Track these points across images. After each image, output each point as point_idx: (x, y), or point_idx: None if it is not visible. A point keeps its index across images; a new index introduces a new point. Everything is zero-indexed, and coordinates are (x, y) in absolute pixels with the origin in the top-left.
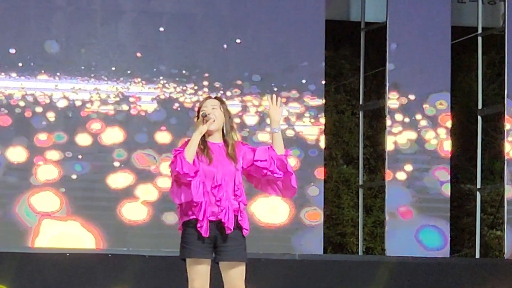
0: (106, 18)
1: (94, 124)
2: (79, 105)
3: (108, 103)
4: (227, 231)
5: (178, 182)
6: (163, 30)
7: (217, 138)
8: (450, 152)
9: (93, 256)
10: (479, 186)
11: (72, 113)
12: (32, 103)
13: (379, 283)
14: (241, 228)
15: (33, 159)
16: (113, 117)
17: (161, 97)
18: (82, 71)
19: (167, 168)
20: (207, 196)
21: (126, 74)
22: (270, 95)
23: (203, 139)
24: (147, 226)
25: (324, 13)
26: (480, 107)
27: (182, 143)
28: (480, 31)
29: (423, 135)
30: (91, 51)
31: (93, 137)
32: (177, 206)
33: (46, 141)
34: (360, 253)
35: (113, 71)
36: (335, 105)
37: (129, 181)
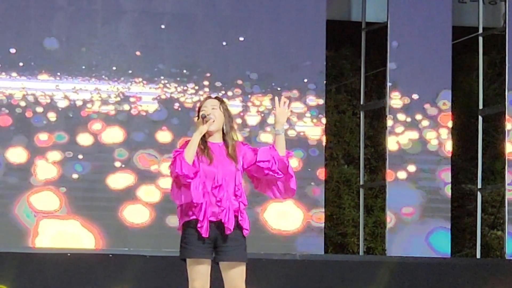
0: (107, 18)
1: (95, 124)
2: (79, 105)
3: (108, 103)
4: (227, 231)
5: (178, 183)
6: (164, 30)
7: (217, 138)
8: (451, 152)
9: (94, 256)
10: (480, 186)
11: (73, 113)
12: (33, 103)
13: (380, 283)
14: (241, 229)
15: (33, 159)
16: (114, 117)
17: (162, 97)
18: (83, 71)
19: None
20: (207, 197)
21: (127, 74)
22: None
23: (203, 139)
24: (148, 226)
25: (325, 13)
26: (481, 107)
27: (181, 143)
28: (481, 31)
29: (424, 135)
30: (92, 51)
31: (93, 137)
32: (177, 206)
33: (47, 141)
34: (361, 253)
35: (113, 71)
36: (336, 105)
37: (130, 182)
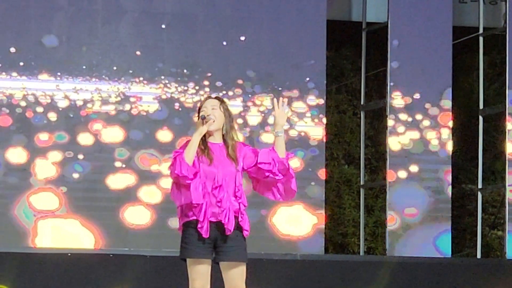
0: (107, 18)
1: (95, 124)
2: (80, 105)
3: (109, 103)
4: (227, 232)
5: (177, 184)
6: (164, 30)
7: (217, 138)
8: (451, 152)
9: (94, 256)
10: (480, 186)
11: (73, 113)
12: (33, 103)
13: (380, 283)
14: (241, 229)
15: (34, 159)
16: (114, 117)
17: (162, 97)
18: (83, 71)
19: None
20: (207, 197)
21: (127, 74)
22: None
23: (203, 139)
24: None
25: (325, 13)
26: (481, 107)
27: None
28: (481, 31)
29: (424, 135)
30: (92, 51)
31: (94, 137)
32: (177, 206)
33: (47, 141)
34: (361, 253)
35: (114, 71)
36: (336, 105)
37: (130, 182)
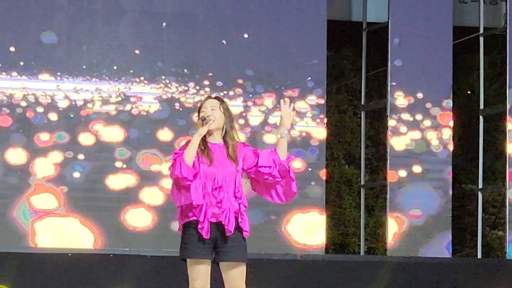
0: (108, 18)
1: (96, 124)
2: (80, 105)
3: (109, 103)
4: (227, 233)
5: (178, 184)
6: (164, 29)
7: (217, 139)
8: (451, 152)
9: (94, 256)
10: (480, 186)
11: (74, 113)
12: (33, 103)
13: (380, 283)
14: (241, 230)
15: (34, 159)
16: (114, 117)
17: (163, 97)
18: (83, 71)
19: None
20: (207, 198)
21: (128, 74)
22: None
23: (203, 139)
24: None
25: (325, 13)
26: (481, 107)
27: (179, 145)
28: (481, 31)
29: (424, 135)
30: (92, 51)
31: (94, 137)
32: (177, 207)
33: (48, 141)
34: (362, 253)
35: (114, 71)
36: (336, 105)
37: (131, 182)
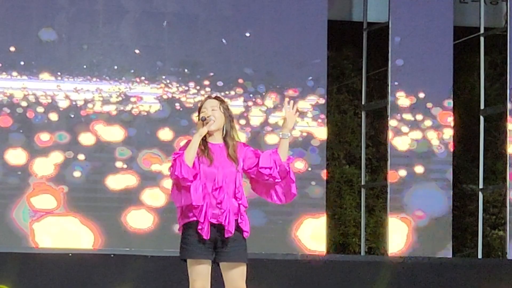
0: (108, 18)
1: (96, 124)
2: (81, 105)
3: (110, 102)
4: (228, 234)
5: (178, 185)
6: (165, 29)
7: (217, 139)
8: (452, 152)
9: (95, 256)
10: (481, 186)
11: (74, 113)
12: (34, 103)
13: (381, 283)
14: (241, 230)
15: (34, 159)
16: (115, 117)
17: (163, 97)
18: (84, 70)
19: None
20: (207, 198)
21: (129, 74)
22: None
23: (204, 139)
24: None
25: (326, 13)
26: (482, 107)
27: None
28: (482, 31)
29: (425, 135)
30: (93, 51)
31: (95, 137)
32: (177, 207)
33: (48, 141)
34: (363, 253)
35: (115, 71)
36: (337, 105)
37: (132, 182)
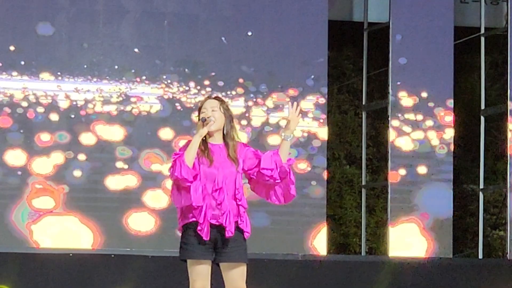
0: (109, 18)
1: (97, 124)
2: (81, 105)
3: (110, 102)
4: (228, 235)
5: (178, 186)
6: (165, 29)
7: (217, 139)
8: (452, 152)
9: (96, 257)
10: (482, 186)
11: (75, 113)
12: (34, 103)
13: (382, 284)
14: (242, 231)
15: (35, 159)
16: (116, 117)
17: (164, 97)
18: (84, 70)
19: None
20: (207, 199)
21: (129, 74)
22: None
23: (204, 140)
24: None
25: (327, 13)
26: (483, 107)
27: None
28: (483, 31)
29: (425, 135)
30: (93, 51)
31: (96, 137)
32: (177, 208)
33: (48, 141)
34: (363, 253)
35: (115, 71)
36: (338, 105)
37: (133, 182)
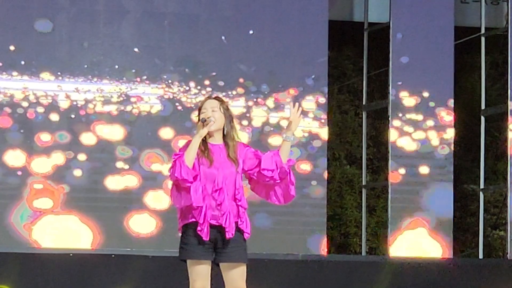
0: (109, 18)
1: (97, 124)
2: (82, 105)
3: (111, 102)
4: (228, 235)
5: (178, 186)
6: (166, 29)
7: (217, 139)
8: (453, 152)
9: (96, 257)
10: (482, 186)
11: (75, 113)
12: (34, 103)
13: (382, 284)
14: (242, 232)
15: (35, 159)
16: (116, 117)
17: (164, 97)
18: (85, 70)
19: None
20: (207, 200)
21: (129, 74)
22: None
23: (204, 140)
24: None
25: (327, 13)
26: (483, 107)
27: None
28: (483, 31)
29: (426, 135)
30: (94, 51)
31: (96, 137)
32: (177, 208)
33: (49, 141)
34: (363, 253)
35: (116, 71)
36: (338, 105)
37: (133, 183)
